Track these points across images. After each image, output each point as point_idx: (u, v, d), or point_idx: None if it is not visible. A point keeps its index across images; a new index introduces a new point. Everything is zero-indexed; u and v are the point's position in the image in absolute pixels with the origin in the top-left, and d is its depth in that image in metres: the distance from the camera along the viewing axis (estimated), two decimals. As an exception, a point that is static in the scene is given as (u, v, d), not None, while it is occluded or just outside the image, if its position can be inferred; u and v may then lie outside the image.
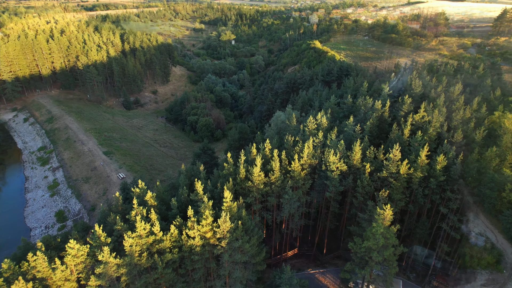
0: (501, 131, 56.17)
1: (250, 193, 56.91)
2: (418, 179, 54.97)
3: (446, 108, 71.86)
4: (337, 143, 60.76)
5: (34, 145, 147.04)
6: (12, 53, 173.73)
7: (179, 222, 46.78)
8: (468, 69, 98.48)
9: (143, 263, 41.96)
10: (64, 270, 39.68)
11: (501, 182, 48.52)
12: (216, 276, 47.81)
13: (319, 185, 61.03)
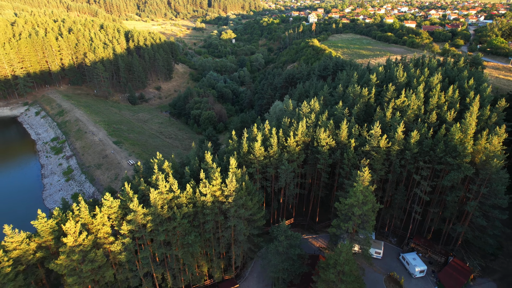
0: (468, 113, 65.92)
1: (252, 164, 66.78)
2: (395, 151, 64.79)
3: (425, 94, 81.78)
4: (327, 123, 70.65)
5: (47, 136, 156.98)
6: (24, 50, 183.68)
7: (193, 184, 56.58)
8: (449, 62, 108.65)
9: (164, 213, 51.69)
10: (102, 216, 49.35)
11: (461, 150, 58.16)
12: (223, 228, 57.53)
13: (311, 159, 70.93)
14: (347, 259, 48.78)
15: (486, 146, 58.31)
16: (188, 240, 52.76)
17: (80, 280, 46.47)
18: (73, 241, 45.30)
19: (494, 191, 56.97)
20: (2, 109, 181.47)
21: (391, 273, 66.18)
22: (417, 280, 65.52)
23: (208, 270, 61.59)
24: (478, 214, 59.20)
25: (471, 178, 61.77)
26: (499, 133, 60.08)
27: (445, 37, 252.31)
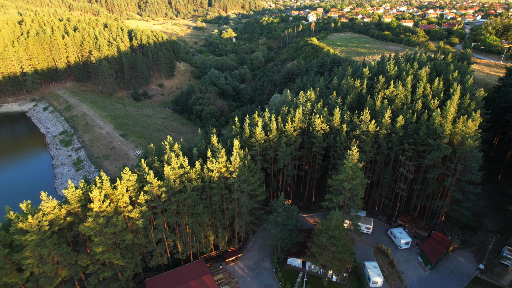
0: (449, 101, 73.25)
1: (253, 147, 74.20)
2: (383, 135, 72.17)
3: (413, 85, 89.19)
4: (322, 110, 78.06)
5: (55, 130, 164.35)
6: (32, 47, 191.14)
7: (201, 162, 63.92)
8: (439, 57, 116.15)
9: (176, 186, 58.97)
10: (122, 187, 56.60)
11: (441, 132, 65.41)
12: (228, 202, 64.81)
13: (307, 143, 78.37)
14: (337, 225, 56.07)
15: (462, 129, 65.65)
16: (197, 210, 60.08)
17: (104, 241, 53.74)
18: (98, 207, 52.61)
19: (468, 168, 64.33)
20: (11, 104, 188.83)
21: (379, 245, 73.55)
22: (402, 251, 72.92)
23: (214, 240, 68.91)
24: (455, 189, 66.56)
25: (449, 157, 69.14)
26: (474, 118, 67.45)
27: (441, 35, 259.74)
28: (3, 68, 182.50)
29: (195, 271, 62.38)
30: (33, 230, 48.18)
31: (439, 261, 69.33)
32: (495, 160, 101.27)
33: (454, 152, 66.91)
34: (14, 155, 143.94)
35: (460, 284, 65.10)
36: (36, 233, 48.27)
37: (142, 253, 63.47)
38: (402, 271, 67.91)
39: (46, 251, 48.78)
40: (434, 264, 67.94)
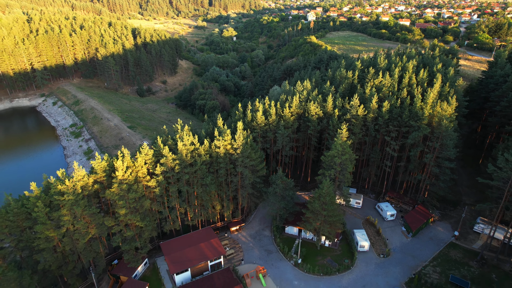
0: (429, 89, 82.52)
1: (255, 130, 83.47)
2: (371, 118, 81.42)
3: (400, 76, 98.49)
4: (316, 97, 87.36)
5: (65, 123, 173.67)
6: (41, 45, 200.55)
7: (208, 140, 73.17)
8: (428, 52, 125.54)
9: (188, 160, 68.15)
10: (141, 160, 65.76)
11: (421, 115, 74.66)
12: (233, 175, 74.06)
13: (303, 127, 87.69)
14: (328, 192, 65.27)
15: (439, 111, 74.89)
16: (206, 181, 69.32)
17: (126, 205, 62.87)
18: (122, 175, 61.79)
19: (445, 145, 73.56)
20: (22, 99, 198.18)
21: (367, 217, 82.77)
22: (388, 222, 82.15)
23: (220, 210, 78.09)
24: (433, 164, 75.76)
25: (428, 137, 78.37)
26: (451, 102, 76.74)
27: (436, 33, 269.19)
28: (14, 64, 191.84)
29: (204, 236, 71.61)
30: (69, 192, 57.41)
31: (420, 229, 78.55)
32: (478, 147, 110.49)
33: (432, 132, 76.14)
34: (28, 146, 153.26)
35: (437, 248, 74.33)
36: (72, 194, 57.49)
37: (157, 219, 72.60)
38: (387, 238, 77.12)
39: (79, 210, 57.94)
40: (415, 231, 77.17)
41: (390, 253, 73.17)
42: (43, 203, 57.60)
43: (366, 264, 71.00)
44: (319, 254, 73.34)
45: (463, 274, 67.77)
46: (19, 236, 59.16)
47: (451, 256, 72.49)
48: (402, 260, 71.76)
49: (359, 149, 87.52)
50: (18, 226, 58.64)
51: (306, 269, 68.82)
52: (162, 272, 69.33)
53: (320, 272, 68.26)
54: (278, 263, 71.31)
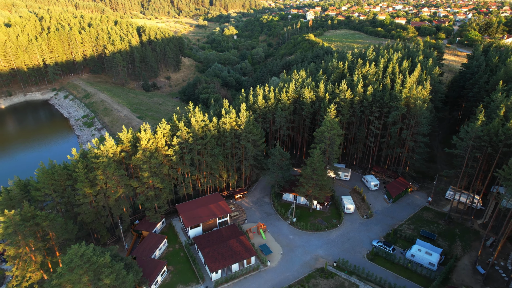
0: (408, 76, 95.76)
1: (256, 111, 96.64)
2: (357, 101, 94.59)
3: (385, 66, 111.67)
4: (310, 84, 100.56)
5: (77, 114, 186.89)
6: (53, 42, 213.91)
7: (216, 118, 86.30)
8: (414, 47, 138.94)
9: (199, 133, 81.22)
10: (160, 133, 78.77)
11: (399, 97, 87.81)
12: (237, 148, 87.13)
13: (298, 109, 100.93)
14: (318, 159, 78.30)
15: (414, 93, 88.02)
16: (214, 152, 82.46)
17: (149, 169, 75.89)
18: (145, 144, 74.92)
19: (419, 123, 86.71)
20: (35, 93, 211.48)
21: (354, 187, 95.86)
22: (372, 191, 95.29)
23: (226, 179, 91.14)
24: (410, 139, 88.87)
25: (406, 115, 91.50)
26: (425, 86, 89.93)
27: (429, 31, 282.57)
28: (28, 60, 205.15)
29: (213, 199, 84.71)
30: (103, 155, 70.56)
31: (399, 197, 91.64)
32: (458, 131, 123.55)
33: (409, 111, 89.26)
34: (45, 136, 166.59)
35: (412, 211, 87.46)
36: (105, 157, 70.60)
37: (172, 185, 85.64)
38: (370, 204, 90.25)
39: (111, 171, 71.00)
40: (395, 198, 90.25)
41: (372, 215, 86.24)
42: (83, 165, 70.69)
43: (351, 223, 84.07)
44: (311, 216, 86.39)
45: (432, 229, 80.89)
46: (61, 193, 72.24)
47: (424, 217, 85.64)
48: (382, 220, 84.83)
49: (347, 128, 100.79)
50: (61, 185, 71.74)
51: (300, 227, 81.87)
52: (177, 229, 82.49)
53: (312, 229, 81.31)
54: (276, 222, 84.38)
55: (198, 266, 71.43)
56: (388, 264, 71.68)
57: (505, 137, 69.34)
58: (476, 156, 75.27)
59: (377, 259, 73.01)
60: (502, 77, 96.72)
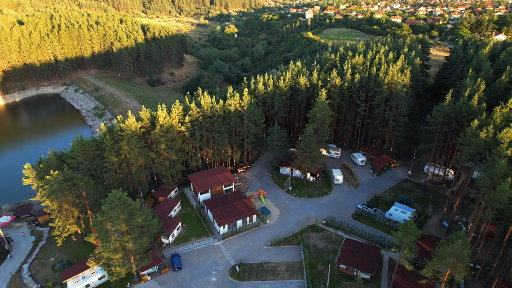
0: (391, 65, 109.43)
1: (256, 96, 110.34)
2: (346, 87, 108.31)
3: (373, 57, 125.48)
4: (305, 72, 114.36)
5: (88, 106, 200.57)
6: (64, 39, 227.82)
7: (223, 101, 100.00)
8: (401, 41, 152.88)
9: (208, 113, 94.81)
10: (174, 112, 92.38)
11: (382, 82, 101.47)
12: (240, 127, 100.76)
13: (294, 95, 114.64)
14: (310, 134, 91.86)
15: (395, 79, 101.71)
16: (221, 129, 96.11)
17: (165, 142, 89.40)
18: (162, 120, 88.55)
19: (399, 105, 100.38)
20: (46, 88, 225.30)
21: (343, 163, 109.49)
22: (359, 166, 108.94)
23: (231, 154, 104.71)
24: (391, 119, 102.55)
25: (388, 99, 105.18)
26: (405, 73, 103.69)
27: (423, 29, 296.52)
28: (40, 56, 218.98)
29: (220, 170, 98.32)
30: (127, 129, 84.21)
31: (383, 170, 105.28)
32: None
33: (391, 95, 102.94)
34: (59, 125, 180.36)
35: (394, 182, 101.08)
36: (129, 130, 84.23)
37: (184, 158, 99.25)
38: (357, 176, 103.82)
39: (133, 142, 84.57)
40: (379, 171, 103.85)
41: (358, 185, 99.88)
42: (110, 137, 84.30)
43: (340, 191, 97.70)
44: (305, 186, 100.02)
45: (410, 196, 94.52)
46: (91, 161, 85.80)
47: (403, 187, 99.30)
48: (367, 189, 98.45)
49: (338, 112, 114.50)
50: (91, 154, 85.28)
51: (295, 194, 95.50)
52: (189, 196, 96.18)
53: (305, 196, 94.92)
54: (274, 191, 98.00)
55: (208, 223, 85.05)
56: (369, 222, 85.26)
57: (467, 113, 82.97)
58: (445, 130, 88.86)
59: (360, 218, 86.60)
60: (474, 66, 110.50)
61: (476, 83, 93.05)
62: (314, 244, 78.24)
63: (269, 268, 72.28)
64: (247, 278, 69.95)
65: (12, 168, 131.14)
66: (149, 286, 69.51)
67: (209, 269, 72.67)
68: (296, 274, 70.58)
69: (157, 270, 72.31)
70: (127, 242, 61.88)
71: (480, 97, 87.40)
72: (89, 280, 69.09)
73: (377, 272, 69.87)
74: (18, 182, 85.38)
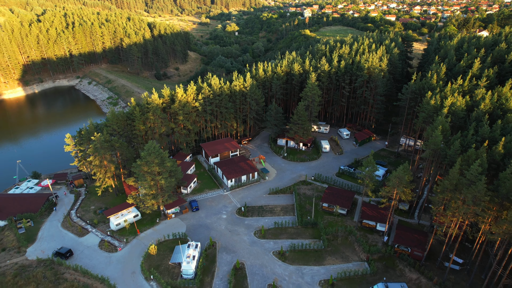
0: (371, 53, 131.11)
1: (257, 80, 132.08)
2: (333, 72, 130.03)
3: (358, 48, 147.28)
4: (299, 60, 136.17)
5: (102, 96, 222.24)
6: (78, 35, 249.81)
7: (229, 83, 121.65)
8: (385, 35, 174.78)
9: (217, 91, 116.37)
10: (189, 90, 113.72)
11: (363, 67, 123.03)
12: (244, 104, 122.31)
13: (289, 80, 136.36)
14: (301, 109, 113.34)
15: (373, 65, 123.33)
16: (228, 106, 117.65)
17: (183, 115, 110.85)
18: (180, 96, 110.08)
19: (377, 86, 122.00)
20: (62, 80, 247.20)
21: (331, 136, 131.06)
22: (345, 139, 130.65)
23: (236, 128, 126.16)
24: (370, 98, 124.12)
25: (368, 81, 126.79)
26: (383, 60, 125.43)
27: (415, 27, 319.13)
28: (57, 51, 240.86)
29: (227, 140, 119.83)
30: (153, 102, 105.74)
31: (364, 142, 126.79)
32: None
33: (370, 78, 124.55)
34: (77, 113, 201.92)
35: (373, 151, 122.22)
36: (154, 103, 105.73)
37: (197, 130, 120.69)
38: (342, 146, 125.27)
39: (158, 112, 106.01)
40: (361, 142, 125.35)
41: (343, 153, 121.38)
42: (139, 109, 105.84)
43: (327, 157, 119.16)
44: (298, 153, 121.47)
45: (384, 160, 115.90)
46: (123, 129, 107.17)
47: (380, 154, 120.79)
48: (350, 156, 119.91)
49: (327, 93, 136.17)
50: (122, 123, 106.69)
51: (289, 159, 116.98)
52: (201, 161, 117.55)
53: (298, 160, 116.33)
54: (272, 157, 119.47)
55: (218, 180, 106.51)
56: (350, 179, 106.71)
57: (428, 89, 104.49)
58: (412, 105, 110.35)
59: (342, 176, 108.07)
60: (441, 55, 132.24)
61: (439, 67, 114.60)
62: (304, 192, 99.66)
63: (268, 209, 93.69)
64: (250, 215, 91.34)
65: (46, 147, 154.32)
66: (173, 221, 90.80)
67: (220, 210, 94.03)
68: (289, 212, 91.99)
69: (179, 211, 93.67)
70: (160, 180, 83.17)
71: (440, 77, 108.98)
72: (127, 217, 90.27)
73: (352, 209, 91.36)
74: (52, 158, 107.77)
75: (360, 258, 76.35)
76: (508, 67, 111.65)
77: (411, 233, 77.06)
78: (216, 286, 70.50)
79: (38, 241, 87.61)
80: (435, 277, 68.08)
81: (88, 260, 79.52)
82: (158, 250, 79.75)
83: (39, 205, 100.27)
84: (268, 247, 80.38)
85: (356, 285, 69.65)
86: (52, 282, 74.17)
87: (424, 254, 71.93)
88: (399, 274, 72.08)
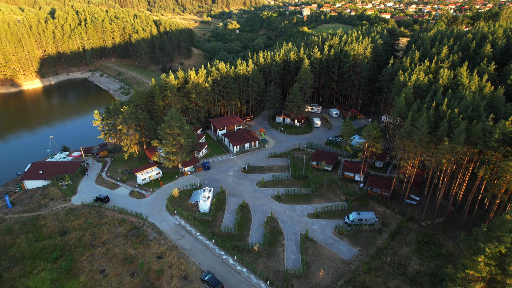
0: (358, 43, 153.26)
1: (258, 66, 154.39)
2: (324, 59, 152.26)
3: (346, 39, 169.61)
4: (294, 50, 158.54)
5: (114, 87, 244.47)
6: (90, 31, 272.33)
7: (234, 67, 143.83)
8: (374, 29, 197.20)
9: (224, 74, 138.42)
10: (200, 73, 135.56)
11: (350, 54, 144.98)
12: (246, 87, 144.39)
13: (286, 67, 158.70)
14: (296, 89, 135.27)
15: (358, 52, 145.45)
16: (233, 87, 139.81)
17: (195, 93, 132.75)
18: (193, 77, 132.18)
19: (362, 71, 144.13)
20: (75, 73, 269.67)
21: (322, 115, 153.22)
22: (334, 118, 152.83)
23: (240, 107, 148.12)
24: (356, 81, 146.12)
25: (354, 67, 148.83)
26: (367, 49, 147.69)
27: (407, 24, 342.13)
28: (71, 45, 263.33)
29: (232, 116, 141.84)
30: (170, 82, 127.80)
31: (351, 120, 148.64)
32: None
33: (356, 64, 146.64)
34: (94, 102, 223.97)
35: (357, 126, 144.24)
36: (171, 83, 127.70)
37: (207, 107, 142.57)
38: (332, 123, 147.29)
39: (174, 90, 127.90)
40: (346, 120, 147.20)
41: (332, 128, 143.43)
42: (158, 87, 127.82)
43: (318, 131, 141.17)
44: (293, 128, 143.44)
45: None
46: (145, 104, 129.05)
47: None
48: (337, 130, 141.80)
49: (319, 78, 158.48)
50: (144, 100, 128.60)
51: (286, 132, 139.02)
52: (210, 134, 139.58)
53: (293, 133, 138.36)
54: (271, 131, 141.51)
55: (225, 147, 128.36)
56: (336, 146, 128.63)
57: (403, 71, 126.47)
58: (390, 86, 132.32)
59: (330, 145, 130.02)
60: (418, 44, 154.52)
61: (413, 53, 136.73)
62: (297, 156, 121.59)
63: (267, 168, 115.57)
64: (253, 172, 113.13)
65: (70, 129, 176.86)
66: (189, 177, 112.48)
67: (228, 169, 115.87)
68: (285, 170, 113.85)
69: (194, 170, 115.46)
70: (180, 139, 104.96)
71: (414, 62, 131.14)
72: (151, 174, 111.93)
73: (336, 167, 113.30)
74: (77, 137, 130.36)
75: (340, 199, 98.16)
76: (472, 54, 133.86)
77: (381, 179, 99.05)
78: (227, 217, 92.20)
79: (78, 193, 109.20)
80: (396, 207, 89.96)
81: (122, 205, 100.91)
82: (179, 194, 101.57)
83: (74, 169, 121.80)
84: (267, 193, 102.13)
85: (336, 215, 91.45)
86: (97, 217, 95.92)
87: (389, 193, 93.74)
88: (370, 209, 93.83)
